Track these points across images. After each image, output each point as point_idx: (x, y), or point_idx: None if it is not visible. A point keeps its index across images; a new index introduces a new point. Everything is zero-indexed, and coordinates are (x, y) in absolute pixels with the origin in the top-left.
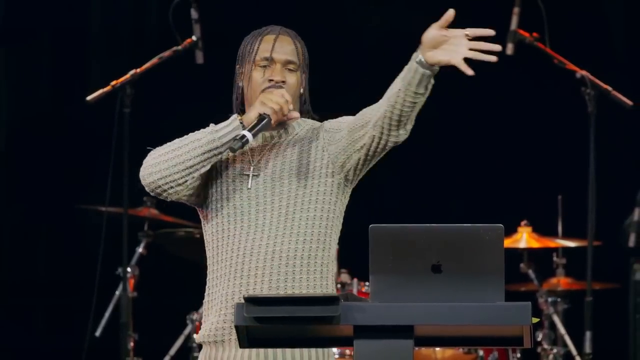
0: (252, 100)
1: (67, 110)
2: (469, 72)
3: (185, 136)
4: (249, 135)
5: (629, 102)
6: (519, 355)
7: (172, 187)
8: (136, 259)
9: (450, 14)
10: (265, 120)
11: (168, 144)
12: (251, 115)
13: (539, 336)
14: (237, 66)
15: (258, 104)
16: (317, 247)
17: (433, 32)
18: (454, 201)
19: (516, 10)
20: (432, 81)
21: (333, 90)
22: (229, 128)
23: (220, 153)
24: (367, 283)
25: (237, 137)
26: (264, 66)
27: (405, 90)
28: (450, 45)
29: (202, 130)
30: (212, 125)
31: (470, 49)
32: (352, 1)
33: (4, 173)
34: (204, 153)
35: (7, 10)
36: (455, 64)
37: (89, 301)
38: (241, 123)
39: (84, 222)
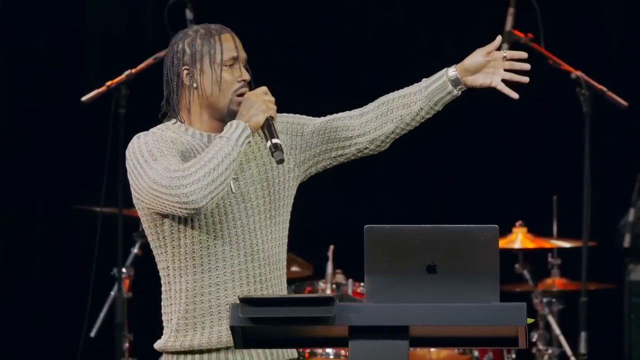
0: (219, 101)
1: (62, 110)
2: (514, 95)
3: (210, 152)
4: (279, 141)
5: (624, 103)
6: (514, 355)
7: (213, 204)
8: (131, 260)
9: (497, 41)
10: (273, 122)
11: (198, 163)
12: (259, 119)
13: (534, 337)
14: (184, 67)
15: (263, 106)
16: (286, 250)
17: (480, 58)
18: (449, 202)
19: (511, 10)
20: None
21: (324, 90)
22: (244, 135)
23: None
24: (362, 283)
25: (279, 148)
26: (229, 66)
27: (429, 109)
28: (489, 68)
29: (218, 141)
30: (222, 135)
31: (506, 70)
32: (348, 4)
33: None
34: (234, 164)
35: (2, 10)
36: (498, 87)
37: (84, 301)
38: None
39: (79, 222)
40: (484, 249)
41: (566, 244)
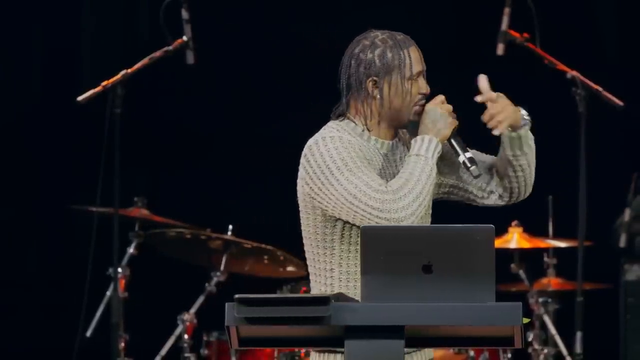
0: (401, 113)
1: (58, 110)
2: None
3: (414, 173)
4: (472, 154)
5: (620, 103)
6: (509, 355)
7: None
8: (127, 260)
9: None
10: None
11: (406, 186)
12: (446, 132)
13: (530, 336)
14: (372, 77)
15: (450, 118)
16: None
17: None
18: (445, 202)
19: (507, 10)
20: None
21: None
22: (436, 151)
23: None
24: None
25: (475, 162)
26: (415, 78)
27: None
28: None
29: (417, 161)
30: (419, 154)
31: None
32: (347, 3)
33: None
34: (433, 183)
35: None
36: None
37: (80, 301)
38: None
39: (74, 222)
40: (479, 249)
41: (562, 244)
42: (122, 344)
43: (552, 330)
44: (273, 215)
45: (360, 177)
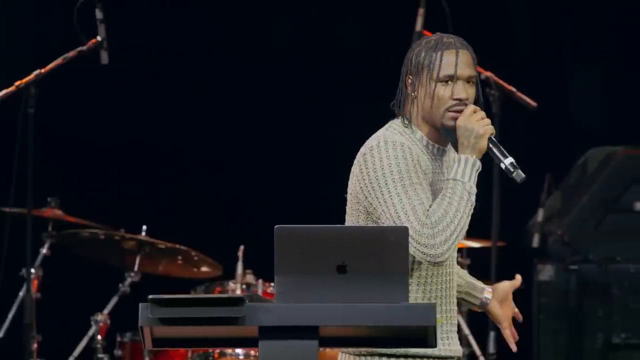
0: (432, 115)
1: None
2: (514, 347)
3: (453, 202)
4: (512, 159)
5: (533, 103)
6: None
7: None
8: (40, 260)
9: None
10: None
11: (444, 218)
12: (482, 144)
13: None
14: (409, 76)
15: (481, 130)
16: None
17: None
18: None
19: (421, 11)
20: None
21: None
22: (475, 171)
23: None
24: (272, 284)
25: (518, 167)
26: (446, 82)
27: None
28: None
29: (458, 188)
30: (456, 178)
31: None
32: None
33: None
34: (473, 207)
35: None
36: (505, 333)
37: None
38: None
39: None
40: (394, 249)
41: (475, 244)
42: (35, 345)
43: (466, 330)
44: (187, 215)
45: (411, 197)
